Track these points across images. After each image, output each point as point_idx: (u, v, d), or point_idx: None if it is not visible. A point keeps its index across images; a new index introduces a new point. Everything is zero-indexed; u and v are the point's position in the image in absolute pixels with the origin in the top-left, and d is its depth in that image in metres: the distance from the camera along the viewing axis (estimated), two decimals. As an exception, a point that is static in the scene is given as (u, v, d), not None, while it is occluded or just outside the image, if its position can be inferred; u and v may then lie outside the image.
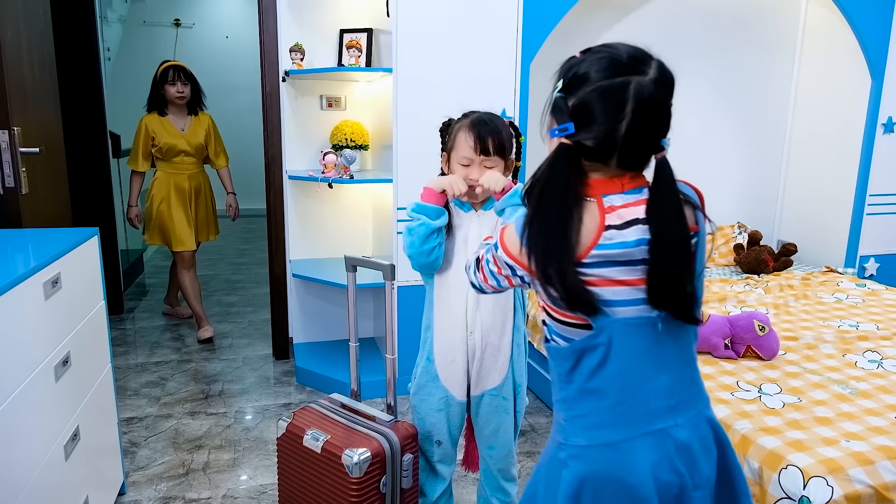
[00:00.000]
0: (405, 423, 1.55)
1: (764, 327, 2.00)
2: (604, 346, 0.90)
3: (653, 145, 0.90)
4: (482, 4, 2.48)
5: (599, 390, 0.92)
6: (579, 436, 0.94)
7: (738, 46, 3.35)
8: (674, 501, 0.92)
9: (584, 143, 0.88)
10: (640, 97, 0.86)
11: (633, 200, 0.90)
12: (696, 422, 0.94)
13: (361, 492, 1.41)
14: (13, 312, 1.29)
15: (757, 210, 3.56)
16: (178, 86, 3.20)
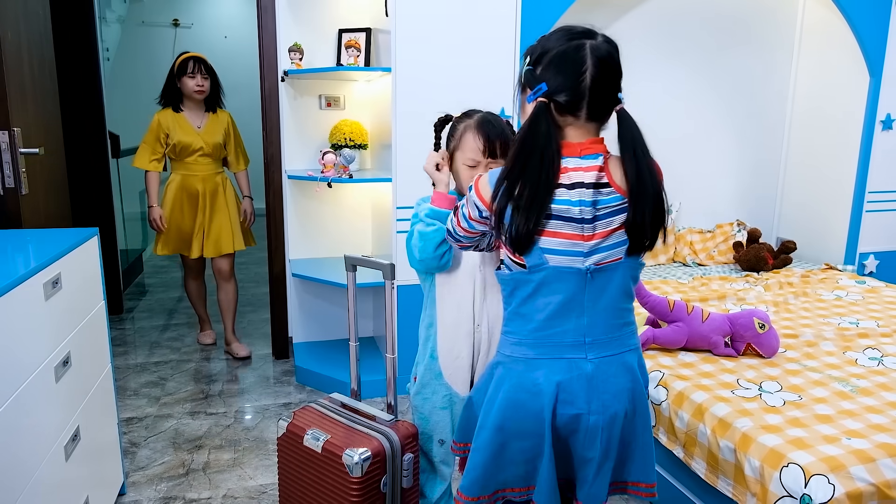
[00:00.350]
0: (405, 423, 1.56)
1: (764, 325, 2.00)
2: (534, 283, 1.09)
3: (613, 97, 1.07)
4: (481, 4, 2.48)
5: (525, 315, 1.12)
6: (507, 348, 1.16)
7: (737, 45, 3.35)
8: (568, 420, 1.11)
9: (557, 99, 1.05)
10: (598, 53, 1.05)
11: (585, 165, 1.06)
12: (608, 361, 1.11)
13: (362, 491, 1.40)
14: (14, 313, 1.29)
15: (756, 207, 3.56)
16: (197, 79, 2.89)
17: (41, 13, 2.30)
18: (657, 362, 1.97)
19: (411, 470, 1.51)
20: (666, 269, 3.22)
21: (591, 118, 1.07)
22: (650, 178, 1.07)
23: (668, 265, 3.30)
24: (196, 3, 6.83)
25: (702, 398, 1.72)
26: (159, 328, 3.55)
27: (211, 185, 2.97)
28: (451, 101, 2.53)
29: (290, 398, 2.70)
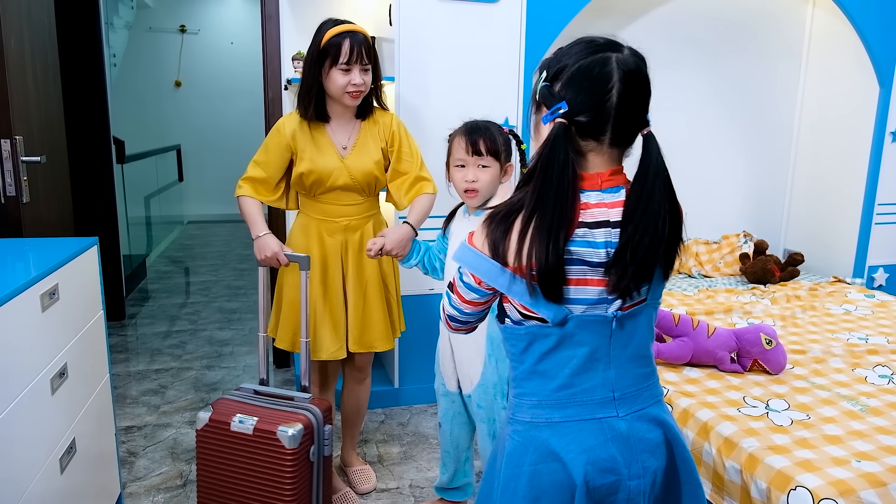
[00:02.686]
0: (321, 399, 1.74)
1: (771, 341, 1.97)
2: (555, 336, 0.94)
3: (640, 118, 0.93)
4: (485, 12, 2.47)
5: (546, 372, 0.97)
6: (524, 412, 0.99)
7: (743, 53, 3.33)
8: (607, 489, 0.95)
9: (579, 119, 0.90)
10: (625, 66, 0.90)
11: (608, 201, 0.92)
12: (640, 416, 0.98)
13: (296, 462, 1.58)
14: (9, 325, 1.27)
15: (763, 219, 3.53)
16: (354, 72, 1.76)
17: (45, 20, 2.30)
18: (662, 378, 1.93)
19: (331, 440, 1.71)
20: (671, 280, 3.19)
21: (614, 143, 0.93)
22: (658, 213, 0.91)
23: (673, 276, 3.27)
24: (203, 9, 6.87)
25: (707, 416, 1.69)
26: (161, 335, 3.54)
27: (357, 235, 1.89)
28: (454, 111, 2.51)
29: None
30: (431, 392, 2.69)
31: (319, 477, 1.69)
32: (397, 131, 1.89)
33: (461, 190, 1.56)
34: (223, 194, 6.07)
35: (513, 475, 0.98)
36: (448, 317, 1.05)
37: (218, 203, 6.88)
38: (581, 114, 0.90)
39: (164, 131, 6.55)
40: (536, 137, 0.98)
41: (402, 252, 1.74)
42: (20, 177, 1.94)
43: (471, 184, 1.52)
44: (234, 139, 6.85)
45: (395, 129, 1.89)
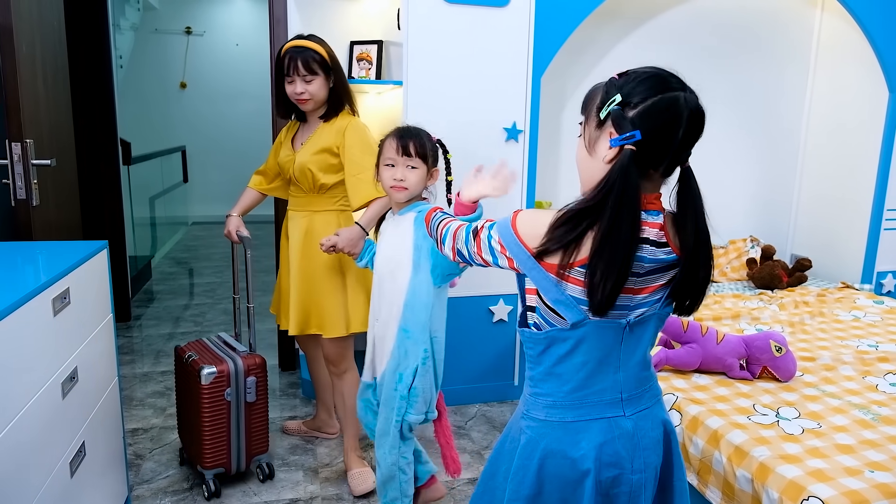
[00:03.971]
0: (256, 356, 2.09)
1: (781, 348, 1.96)
2: (573, 340, 1.01)
3: (688, 153, 1.01)
4: (493, 17, 2.47)
5: (562, 375, 1.04)
6: (539, 411, 1.07)
7: (750, 58, 3.32)
8: (612, 482, 1.03)
9: (646, 149, 0.96)
10: (692, 107, 0.98)
11: (650, 221, 0.99)
12: (643, 415, 1.06)
13: (208, 397, 2.00)
14: (22, 330, 1.27)
15: (770, 224, 3.52)
16: (297, 83, 1.97)
17: (56, 24, 2.31)
18: (670, 384, 1.93)
19: (254, 390, 2.06)
20: (678, 285, 3.18)
21: (664, 173, 1.01)
22: (706, 243, 1.02)
23: (680, 281, 3.26)
24: (208, 10, 6.88)
25: (717, 424, 1.68)
26: (165, 336, 3.54)
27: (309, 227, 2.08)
28: (462, 115, 2.53)
29: (296, 411, 2.67)
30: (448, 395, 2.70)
31: (239, 419, 2.05)
32: (346, 136, 2.00)
33: (388, 186, 1.70)
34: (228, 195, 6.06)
35: (522, 466, 1.06)
36: (457, 251, 1.16)
37: (223, 204, 6.86)
38: (650, 144, 0.96)
39: (169, 132, 6.56)
40: (592, 151, 1.02)
41: (353, 250, 1.92)
42: (31, 180, 1.95)
43: (398, 182, 1.66)
44: (239, 141, 6.86)
45: (344, 134, 2.00)
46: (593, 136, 1.02)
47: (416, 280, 1.65)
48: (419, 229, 1.65)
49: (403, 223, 1.69)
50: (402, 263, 1.67)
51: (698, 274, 1.01)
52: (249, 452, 2.10)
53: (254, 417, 2.09)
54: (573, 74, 3.12)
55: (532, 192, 2.64)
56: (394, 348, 1.69)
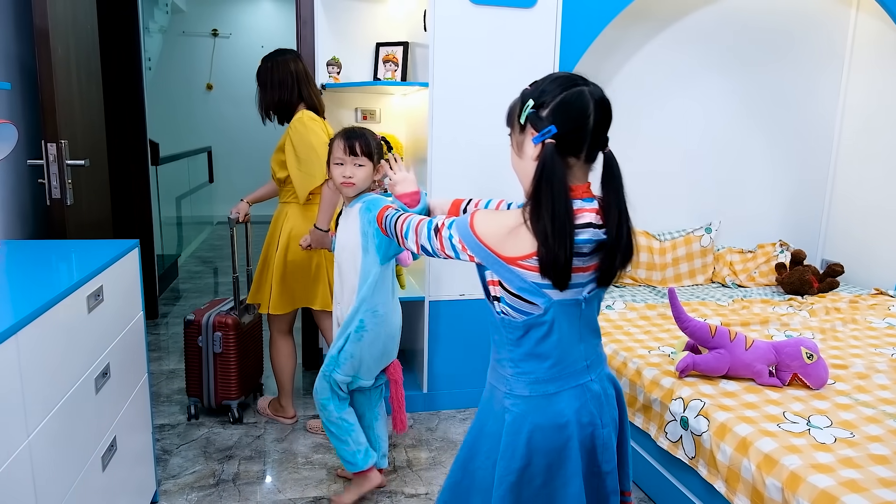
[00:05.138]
0: (228, 317, 2.49)
1: (812, 355, 1.92)
2: (548, 322, 1.14)
3: (605, 138, 1.14)
4: (520, 19, 2.46)
5: (542, 354, 1.16)
6: (523, 388, 1.18)
7: (782, 59, 3.27)
8: (590, 438, 1.19)
9: (565, 140, 1.09)
10: (597, 97, 1.11)
11: (588, 207, 1.12)
12: (601, 377, 1.23)
13: (187, 339, 2.54)
14: (58, 326, 1.31)
15: (800, 228, 3.46)
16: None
17: (89, 27, 2.36)
18: (697, 390, 1.91)
19: (220, 343, 2.48)
20: (704, 289, 3.14)
21: (587, 159, 1.14)
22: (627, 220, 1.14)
23: (706, 286, 3.22)
24: (235, 13, 6.98)
25: (746, 431, 1.65)
26: (193, 334, 3.59)
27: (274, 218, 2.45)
28: (487, 117, 2.52)
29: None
30: (460, 397, 2.70)
31: (208, 364, 2.52)
32: (288, 134, 2.29)
33: (338, 182, 1.89)
34: (252, 196, 6.16)
35: (511, 442, 1.17)
36: (421, 247, 1.27)
37: (247, 204, 6.97)
38: (567, 135, 1.09)
39: (195, 133, 6.66)
40: (521, 153, 1.16)
41: (322, 247, 2.22)
42: (65, 180, 1.99)
43: (347, 179, 1.86)
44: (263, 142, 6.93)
45: (287, 132, 2.29)
46: (519, 140, 1.16)
47: (365, 261, 1.86)
48: (363, 217, 1.86)
49: (352, 214, 1.91)
50: (354, 250, 1.89)
51: (621, 246, 1.13)
52: (218, 394, 2.55)
53: (220, 366, 2.51)
54: (600, 76, 3.09)
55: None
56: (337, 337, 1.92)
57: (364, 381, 1.96)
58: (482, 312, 2.64)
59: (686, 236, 3.22)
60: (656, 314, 2.66)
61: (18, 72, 2.15)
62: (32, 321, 1.19)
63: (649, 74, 3.15)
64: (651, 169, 3.24)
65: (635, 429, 2.13)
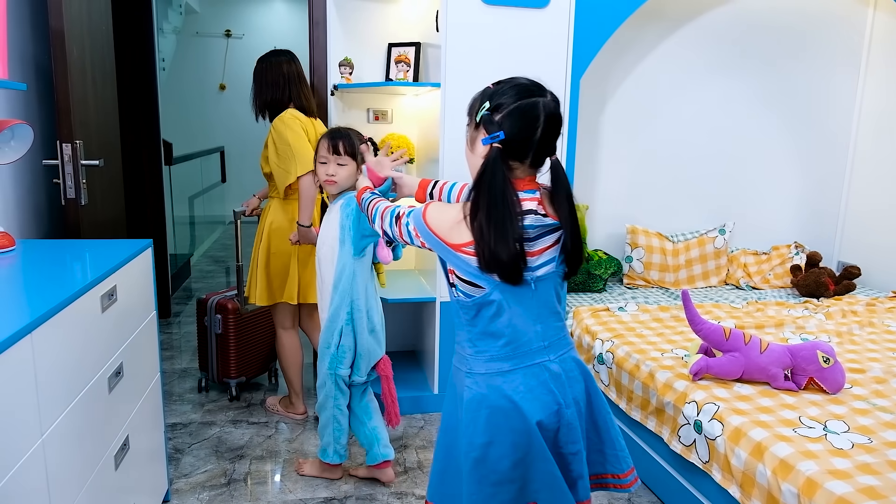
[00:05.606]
0: (228, 301, 2.69)
1: (829, 359, 1.89)
2: (496, 302, 1.21)
3: (552, 148, 1.21)
4: (533, 19, 2.45)
5: (495, 333, 1.23)
6: (480, 366, 1.24)
7: (797, 58, 3.23)
8: (555, 416, 1.23)
9: (512, 145, 1.17)
10: (548, 111, 1.18)
11: (529, 197, 1.20)
12: (564, 358, 1.26)
13: (198, 319, 2.77)
14: (72, 325, 1.31)
15: (815, 230, 3.41)
16: None
17: (104, 28, 2.38)
18: (711, 394, 1.89)
19: (220, 325, 2.69)
20: (718, 291, 3.11)
21: (532, 165, 1.21)
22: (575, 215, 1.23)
23: (720, 287, 3.18)
24: (248, 14, 7.02)
25: (761, 436, 1.63)
26: (205, 333, 3.61)
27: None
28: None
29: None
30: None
31: (212, 345, 2.74)
32: (270, 131, 2.38)
33: (322, 180, 1.98)
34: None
35: (472, 419, 1.22)
36: (384, 231, 1.39)
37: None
38: (514, 142, 1.16)
39: (208, 133, 6.70)
40: (472, 148, 1.24)
41: (308, 243, 2.31)
42: (80, 180, 2.01)
43: (330, 177, 1.95)
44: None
45: (270, 129, 2.39)
46: (472, 136, 1.24)
47: (342, 253, 1.94)
48: (343, 211, 1.94)
49: (334, 210, 2.00)
50: (332, 244, 1.97)
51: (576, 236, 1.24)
52: (220, 372, 2.74)
53: (220, 345, 2.72)
54: (613, 76, 3.08)
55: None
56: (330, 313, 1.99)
57: (358, 376, 2.04)
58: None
59: (699, 238, 3.19)
60: (669, 316, 2.64)
61: (34, 72, 2.17)
62: (47, 321, 1.20)
63: (663, 74, 3.13)
64: (664, 170, 3.22)
65: (648, 432, 2.11)
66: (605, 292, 3.02)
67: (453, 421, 1.30)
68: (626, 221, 3.21)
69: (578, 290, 3.02)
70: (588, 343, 2.50)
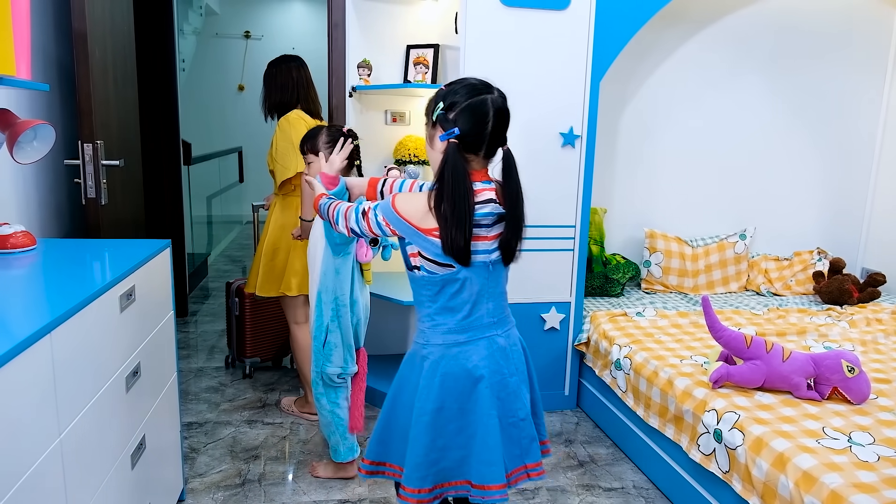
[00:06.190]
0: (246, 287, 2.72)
1: (853, 368, 1.85)
2: (461, 280, 1.36)
3: (503, 139, 1.36)
4: (553, 20, 2.43)
5: (454, 308, 1.38)
6: (438, 337, 1.39)
7: (821, 62, 3.17)
8: (500, 386, 1.39)
9: (466, 140, 1.31)
10: (496, 106, 1.33)
11: (486, 187, 1.35)
12: (509, 334, 1.44)
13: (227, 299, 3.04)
14: (91, 326, 1.32)
15: (839, 235, 3.35)
16: None
17: (126, 30, 2.40)
18: (731, 402, 1.85)
19: (238, 307, 2.94)
20: (738, 297, 3.06)
21: (486, 156, 1.36)
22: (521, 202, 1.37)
23: (740, 293, 3.13)
24: (266, 16, 7.06)
25: (783, 446, 1.60)
26: (219, 333, 3.63)
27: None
28: (518, 121, 2.48)
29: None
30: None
31: (232, 324, 2.99)
32: (275, 130, 2.49)
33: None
34: (281, 196, 6.22)
35: (427, 385, 1.37)
36: (351, 230, 1.47)
37: (275, 204, 7.04)
38: (468, 137, 1.31)
39: (227, 133, 6.75)
40: (432, 145, 1.38)
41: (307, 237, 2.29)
42: (100, 180, 2.03)
43: (305, 175, 2.04)
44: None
45: (276, 128, 2.50)
46: (430, 133, 1.38)
47: (325, 252, 1.99)
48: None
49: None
50: (317, 241, 2.02)
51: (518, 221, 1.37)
52: (240, 352, 2.97)
53: (239, 327, 2.96)
54: (633, 78, 3.05)
55: (588, 200, 2.59)
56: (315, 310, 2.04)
57: (352, 366, 2.10)
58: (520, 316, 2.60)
59: (719, 242, 3.14)
60: (688, 322, 2.60)
61: (57, 73, 2.19)
62: (66, 321, 1.20)
63: (684, 77, 3.09)
64: (684, 173, 3.17)
65: (666, 440, 2.08)
66: (622, 297, 2.99)
67: (404, 394, 1.44)
68: (644, 225, 3.17)
69: (596, 295, 2.98)
70: (605, 348, 2.47)
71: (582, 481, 2.20)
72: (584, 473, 2.26)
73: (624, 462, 2.34)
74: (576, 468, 2.29)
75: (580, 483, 2.19)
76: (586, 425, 2.62)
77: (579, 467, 2.29)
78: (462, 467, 1.38)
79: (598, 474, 2.25)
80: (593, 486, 2.18)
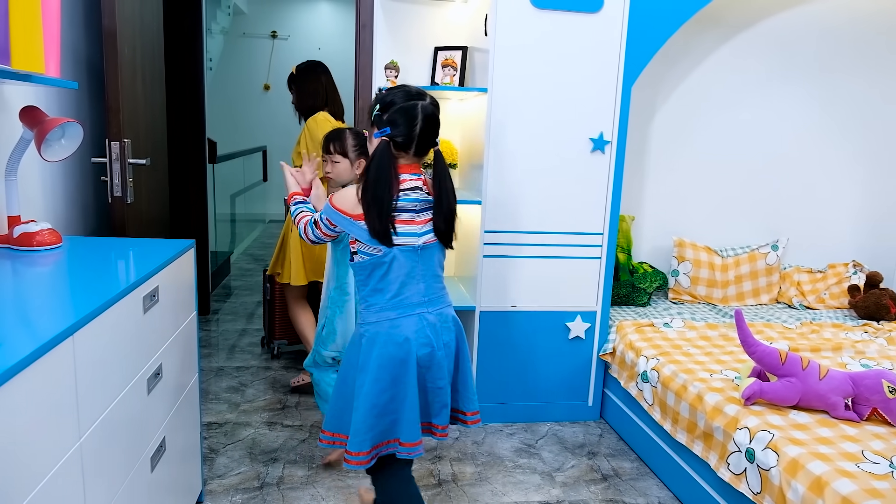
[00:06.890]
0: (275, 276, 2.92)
1: (895, 389, 1.77)
2: (387, 263, 1.53)
3: (432, 141, 1.55)
4: (584, 24, 2.38)
5: (383, 289, 1.54)
6: (371, 315, 1.56)
7: (860, 68, 3.07)
8: (427, 357, 1.55)
9: (396, 139, 1.51)
10: (425, 112, 1.52)
11: (414, 178, 1.54)
12: (441, 312, 1.59)
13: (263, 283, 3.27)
14: (114, 327, 1.31)
15: (876, 248, 3.24)
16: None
17: (155, 28, 2.40)
18: (765, 420, 1.78)
19: (269, 291, 3.17)
20: (769, 310, 2.97)
21: (416, 154, 1.54)
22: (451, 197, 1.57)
23: (771, 306, 3.04)
24: (293, 16, 7.10)
25: (821, 470, 1.53)
26: (240, 332, 3.64)
27: None
28: (547, 125, 2.45)
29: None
30: (509, 411, 2.63)
31: (265, 308, 3.25)
32: (303, 129, 2.81)
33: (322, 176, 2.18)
34: (303, 195, 6.23)
35: (367, 359, 1.54)
36: (310, 239, 1.66)
37: (298, 203, 7.06)
38: (398, 137, 1.51)
39: (252, 132, 6.80)
40: (370, 143, 1.58)
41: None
42: (126, 178, 2.03)
43: (327, 174, 2.16)
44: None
45: (304, 128, 2.81)
46: (370, 132, 1.58)
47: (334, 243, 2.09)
48: None
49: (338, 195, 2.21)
50: None
51: (443, 210, 1.55)
52: (270, 335, 3.24)
53: (269, 310, 3.21)
54: (666, 83, 2.98)
55: (616, 206, 2.53)
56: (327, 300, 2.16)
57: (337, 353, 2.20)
58: (534, 325, 2.58)
59: (750, 253, 3.05)
60: (717, 335, 2.52)
61: (86, 71, 2.20)
62: (89, 322, 1.19)
63: (717, 83, 3.01)
64: (715, 181, 3.09)
65: (693, 457, 2.02)
66: (649, 306, 2.92)
67: (349, 370, 1.61)
68: (673, 234, 3.09)
69: (622, 304, 2.92)
70: (632, 359, 2.41)
71: (606, 496, 2.15)
72: (607, 488, 2.20)
73: (649, 477, 2.27)
74: (599, 482, 2.23)
75: (604, 497, 2.13)
76: (610, 437, 2.56)
77: (603, 481, 2.23)
78: (393, 429, 1.55)
79: (623, 489, 2.19)
80: (617, 500, 2.12)
